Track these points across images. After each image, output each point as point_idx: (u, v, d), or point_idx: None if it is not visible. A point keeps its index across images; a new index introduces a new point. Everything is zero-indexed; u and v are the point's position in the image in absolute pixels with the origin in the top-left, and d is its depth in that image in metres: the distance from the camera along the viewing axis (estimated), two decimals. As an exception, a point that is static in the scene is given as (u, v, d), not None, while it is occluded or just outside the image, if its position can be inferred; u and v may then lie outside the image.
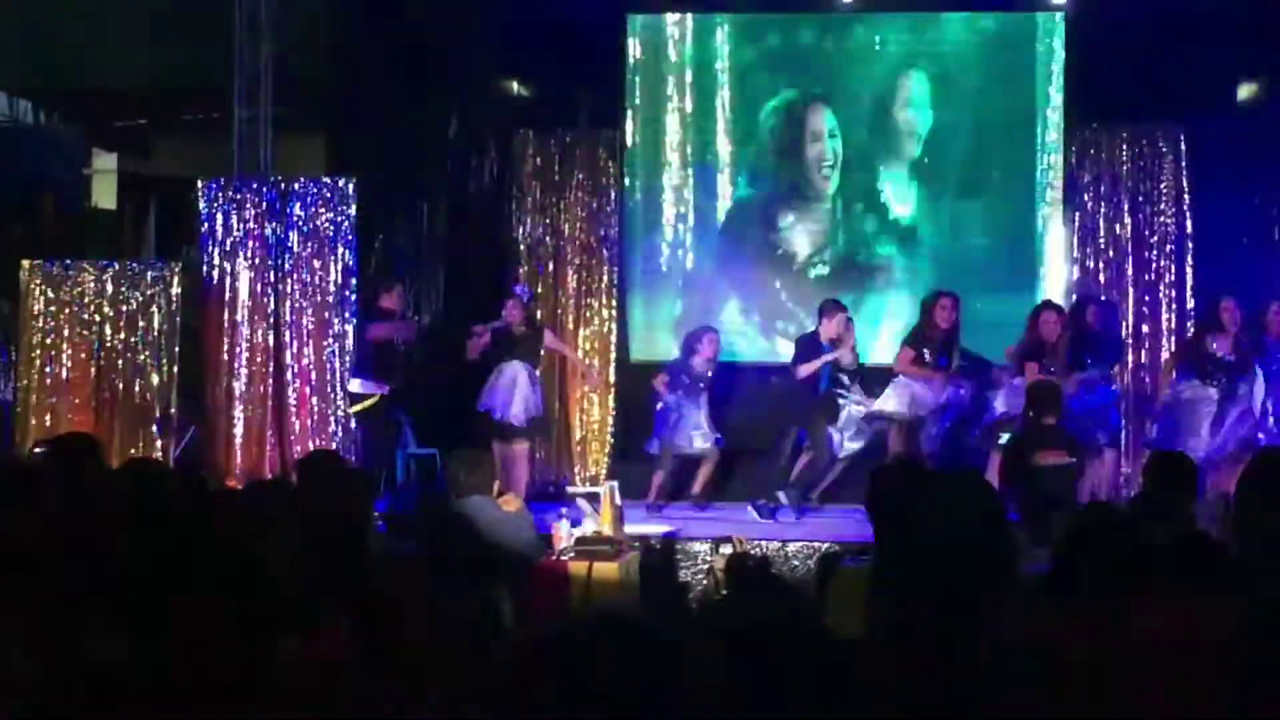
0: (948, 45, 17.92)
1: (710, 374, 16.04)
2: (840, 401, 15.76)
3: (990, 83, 17.78)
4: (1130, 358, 17.24)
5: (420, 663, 5.68)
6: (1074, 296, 17.01)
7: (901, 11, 17.93)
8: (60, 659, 4.05)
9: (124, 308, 16.52)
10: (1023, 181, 17.72)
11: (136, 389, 16.48)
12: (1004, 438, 14.18)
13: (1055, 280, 17.60)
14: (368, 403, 15.71)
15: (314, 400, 16.46)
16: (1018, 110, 17.72)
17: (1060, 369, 14.92)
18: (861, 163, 17.89)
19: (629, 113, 18.13)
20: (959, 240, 17.77)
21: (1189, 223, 17.43)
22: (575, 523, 12.87)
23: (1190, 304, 17.28)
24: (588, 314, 18.01)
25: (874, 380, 15.96)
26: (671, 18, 18.07)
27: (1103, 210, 17.66)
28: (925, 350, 15.42)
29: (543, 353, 16.36)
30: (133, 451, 15.24)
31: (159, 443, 16.35)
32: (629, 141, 18.10)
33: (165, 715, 4.34)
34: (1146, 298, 17.41)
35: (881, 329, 17.44)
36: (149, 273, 16.75)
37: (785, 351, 16.59)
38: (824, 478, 15.87)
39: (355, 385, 15.89)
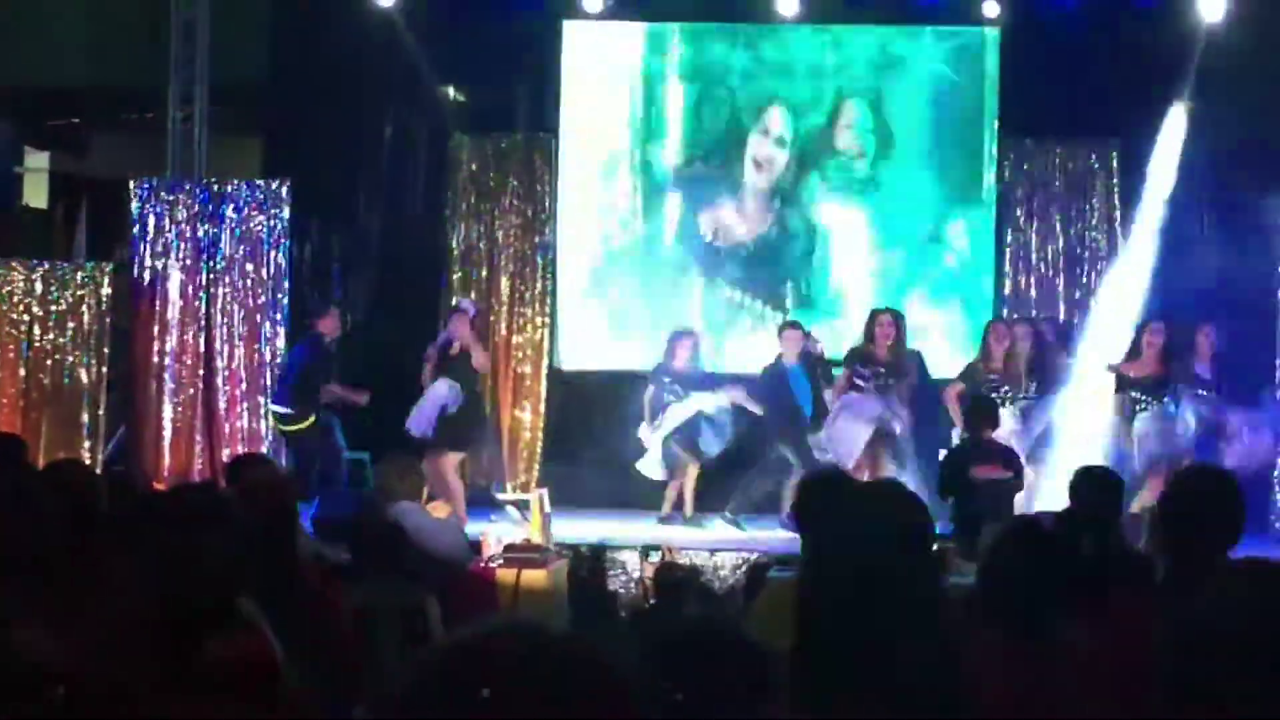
0: (886, 59, 17.94)
1: (694, 375, 15.82)
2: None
3: (931, 98, 17.81)
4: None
5: (347, 666, 5.68)
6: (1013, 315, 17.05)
7: (840, 24, 17.93)
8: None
9: (54, 307, 16.45)
10: (964, 196, 17.77)
11: (65, 389, 16.39)
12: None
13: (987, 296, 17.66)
14: (303, 424, 15.54)
15: (244, 403, 16.41)
16: (959, 126, 17.76)
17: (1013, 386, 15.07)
18: (805, 176, 17.90)
19: (563, 119, 18.10)
20: (907, 252, 17.77)
21: (1120, 241, 17.50)
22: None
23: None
24: (520, 321, 17.97)
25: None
26: (607, 25, 18.03)
27: (1035, 226, 17.72)
28: (863, 370, 15.35)
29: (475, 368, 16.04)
30: (60, 453, 15.14)
31: (87, 443, 16.27)
32: (563, 147, 18.07)
33: (91, 714, 4.32)
34: (1076, 315, 17.46)
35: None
36: (79, 273, 16.68)
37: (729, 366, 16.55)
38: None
39: (281, 408, 15.65)
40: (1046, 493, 13.88)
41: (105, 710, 4.33)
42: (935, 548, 4.65)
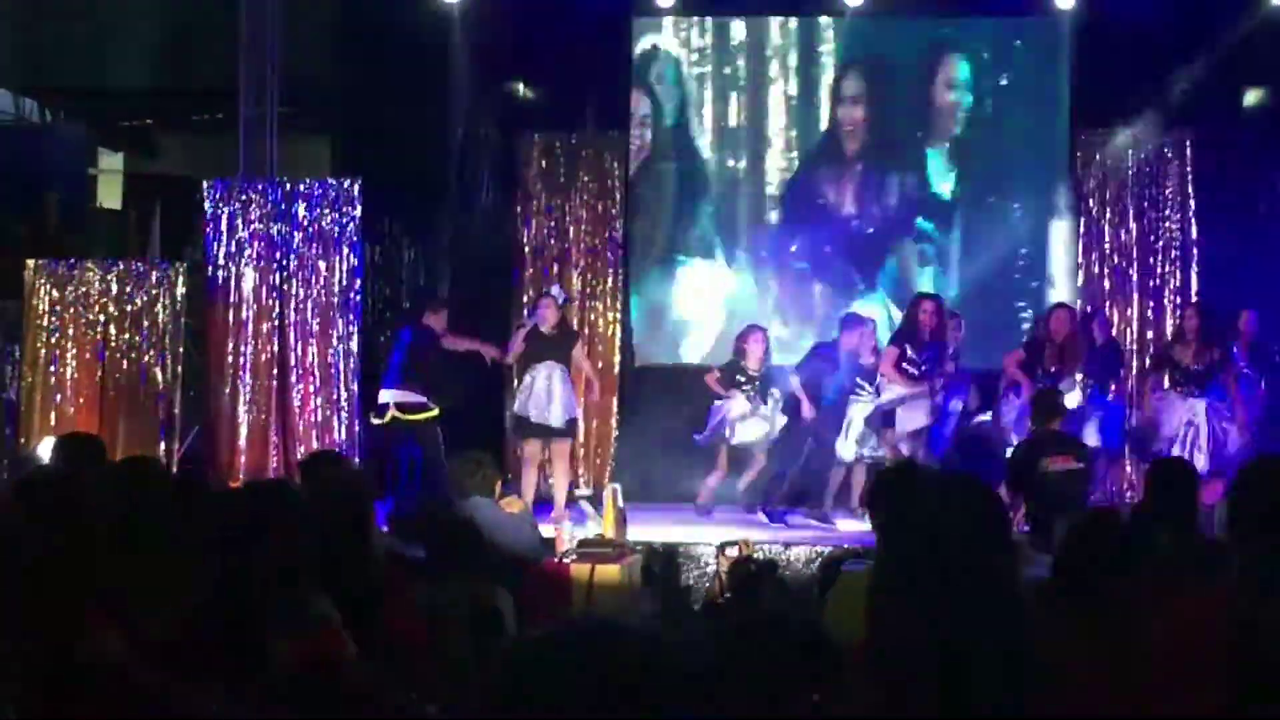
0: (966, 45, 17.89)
1: (765, 372, 15.75)
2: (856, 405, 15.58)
3: (1005, 86, 17.75)
4: (1135, 365, 17.22)
5: (419, 663, 5.68)
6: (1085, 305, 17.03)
7: (910, 18, 17.87)
8: (56, 655, 4.05)
9: (128, 308, 16.55)
10: (1035, 185, 17.71)
11: (140, 389, 16.49)
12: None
13: (1061, 286, 17.57)
14: (429, 414, 15.52)
15: (318, 401, 16.46)
16: (1031, 114, 17.70)
17: (1064, 370, 15.03)
18: (896, 140, 17.89)
19: (634, 115, 18.10)
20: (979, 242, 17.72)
21: (1194, 229, 17.39)
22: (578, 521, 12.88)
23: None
24: (592, 317, 17.99)
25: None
26: (678, 20, 18.02)
27: (1108, 216, 17.63)
28: (908, 350, 15.33)
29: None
30: (137, 452, 15.22)
31: (163, 443, 16.36)
32: (633, 143, 18.06)
33: (158, 714, 4.34)
34: (1151, 304, 17.37)
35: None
36: (153, 273, 16.77)
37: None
38: (829, 484, 15.75)
39: (397, 395, 15.59)
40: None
41: (170, 711, 4.34)
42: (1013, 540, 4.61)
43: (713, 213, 18.05)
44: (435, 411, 15.47)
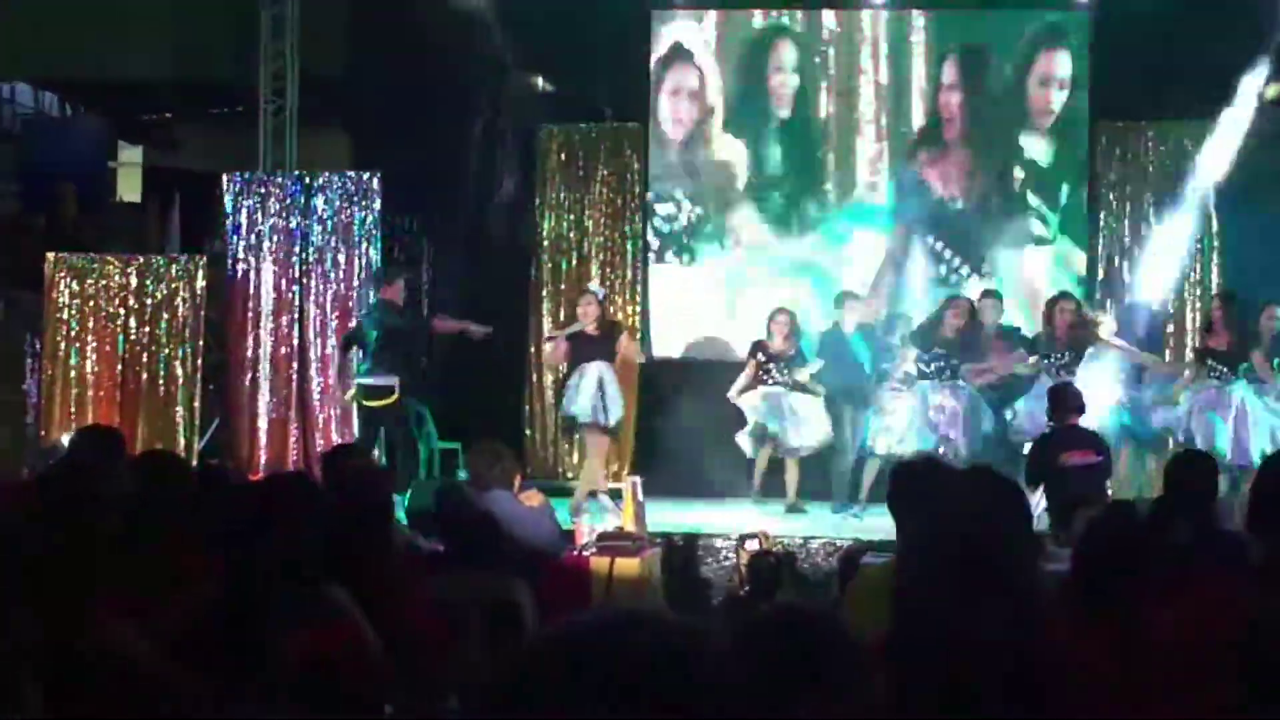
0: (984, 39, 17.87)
1: (793, 354, 15.73)
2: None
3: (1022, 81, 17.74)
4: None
5: (438, 656, 5.68)
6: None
7: (932, 9, 17.85)
8: (70, 644, 4.06)
9: (148, 301, 16.59)
10: (1056, 178, 17.70)
11: (160, 382, 16.52)
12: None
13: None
14: (389, 399, 15.51)
15: (338, 393, 16.48)
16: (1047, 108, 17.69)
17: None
18: (897, 160, 17.88)
19: (652, 106, 18.09)
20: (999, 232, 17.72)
21: (1214, 223, 17.35)
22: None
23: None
24: (611, 310, 17.96)
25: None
26: (695, 12, 18.02)
27: (1127, 209, 17.59)
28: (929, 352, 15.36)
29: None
30: (157, 445, 15.25)
31: (183, 436, 16.39)
32: (652, 135, 18.06)
33: (172, 703, 4.34)
34: (1172, 297, 17.33)
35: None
36: (173, 266, 16.81)
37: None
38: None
39: (366, 379, 15.51)
40: None
41: (185, 701, 4.35)
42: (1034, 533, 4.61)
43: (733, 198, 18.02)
44: (395, 396, 15.39)
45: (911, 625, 3.30)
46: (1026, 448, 14.04)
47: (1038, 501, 12.21)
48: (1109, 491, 12.86)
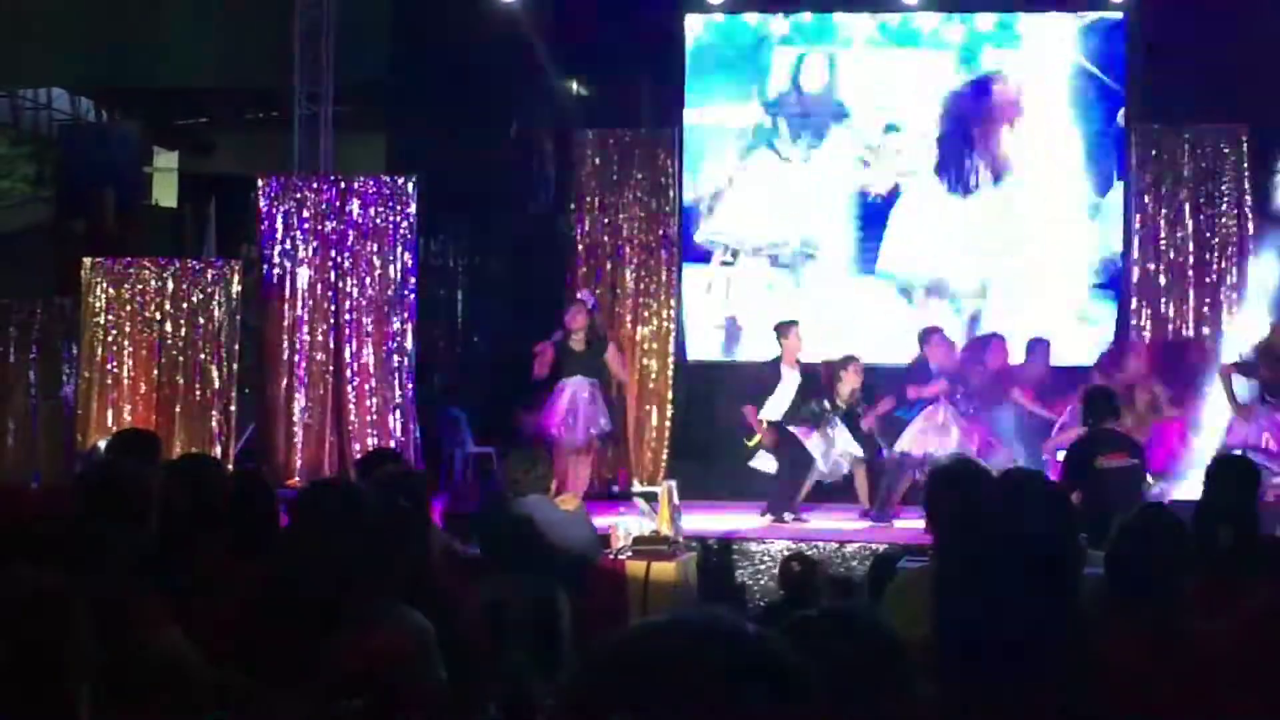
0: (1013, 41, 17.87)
1: (856, 402, 15.76)
2: None
3: (1060, 82, 17.74)
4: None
5: (477, 661, 5.69)
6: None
7: (968, 12, 17.84)
8: (121, 648, 4.07)
9: (184, 305, 16.61)
10: (1093, 180, 17.68)
11: (197, 387, 16.55)
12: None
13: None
14: None
15: (373, 399, 16.50)
16: (1087, 110, 17.68)
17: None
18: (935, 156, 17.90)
19: (687, 111, 18.11)
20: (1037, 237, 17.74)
21: (1251, 225, 17.30)
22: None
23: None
24: (646, 314, 17.97)
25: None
26: (731, 17, 18.02)
27: (1164, 212, 17.55)
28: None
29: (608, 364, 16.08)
30: (193, 449, 15.28)
31: (219, 440, 16.42)
32: (688, 140, 18.07)
33: (219, 706, 4.35)
34: (1208, 300, 17.28)
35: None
36: (209, 271, 16.84)
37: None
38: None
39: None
40: None
41: (234, 704, 4.36)
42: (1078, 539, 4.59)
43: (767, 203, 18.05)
44: None
45: (954, 628, 3.29)
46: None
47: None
48: (1145, 494, 12.83)
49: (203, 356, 16.58)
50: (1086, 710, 3.30)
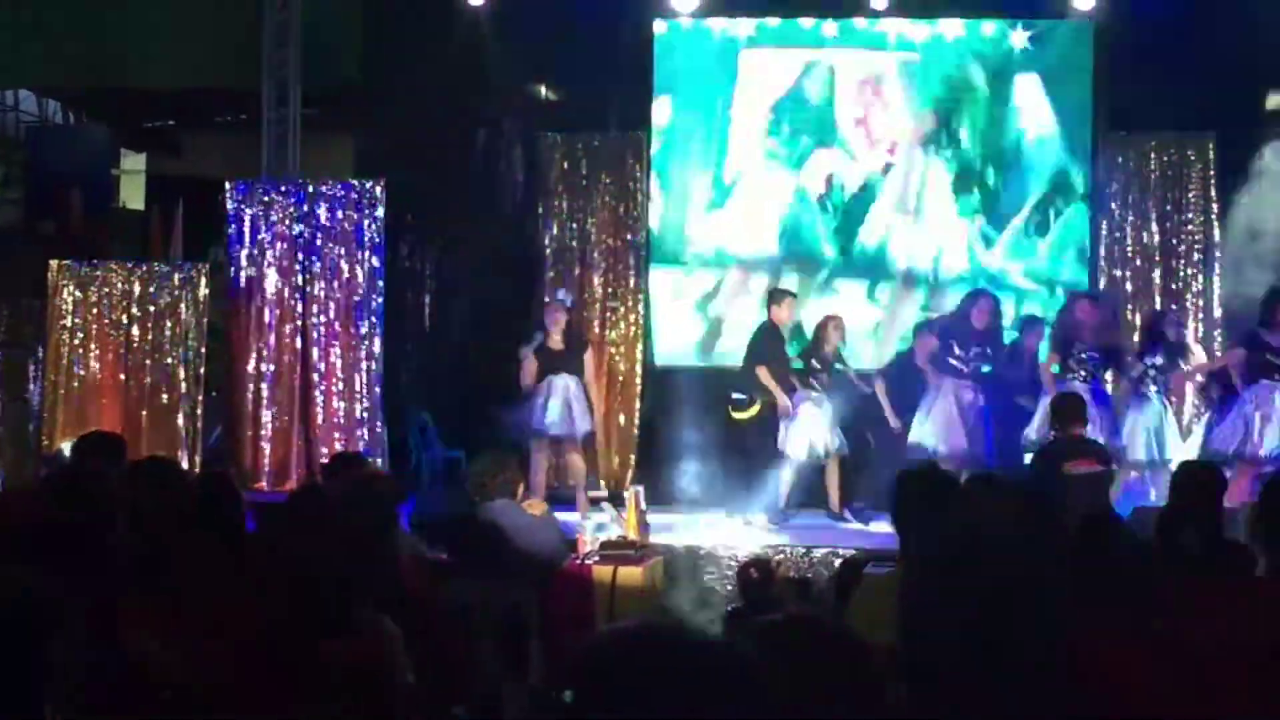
0: (980, 51, 17.91)
1: (831, 362, 15.85)
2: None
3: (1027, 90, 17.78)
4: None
5: (447, 664, 5.70)
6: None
7: (932, 18, 17.88)
8: (100, 654, 4.06)
9: (151, 308, 16.56)
10: (1060, 188, 17.72)
11: (163, 389, 16.51)
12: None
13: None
14: None
15: (340, 402, 16.49)
16: (1054, 118, 17.73)
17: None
18: (907, 164, 17.91)
19: (655, 116, 18.12)
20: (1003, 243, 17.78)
21: (1217, 232, 17.36)
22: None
23: (1217, 313, 17.24)
24: (613, 318, 17.97)
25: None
26: (700, 22, 18.01)
27: (1130, 219, 17.61)
28: (959, 349, 15.51)
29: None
30: (160, 452, 15.25)
31: (185, 443, 16.38)
32: (655, 145, 18.08)
33: (204, 715, 4.35)
34: (1173, 307, 17.32)
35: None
36: (176, 274, 16.80)
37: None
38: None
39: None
40: None
41: (218, 713, 4.36)
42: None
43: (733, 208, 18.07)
44: None
45: (922, 633, 3.30)
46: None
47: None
48: (1112, 501, 12.87)
49: (169, 360, 16.54)
50: (1056, 716, 3.32)
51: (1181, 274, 17.49)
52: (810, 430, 15.56)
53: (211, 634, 4.64)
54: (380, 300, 16.52)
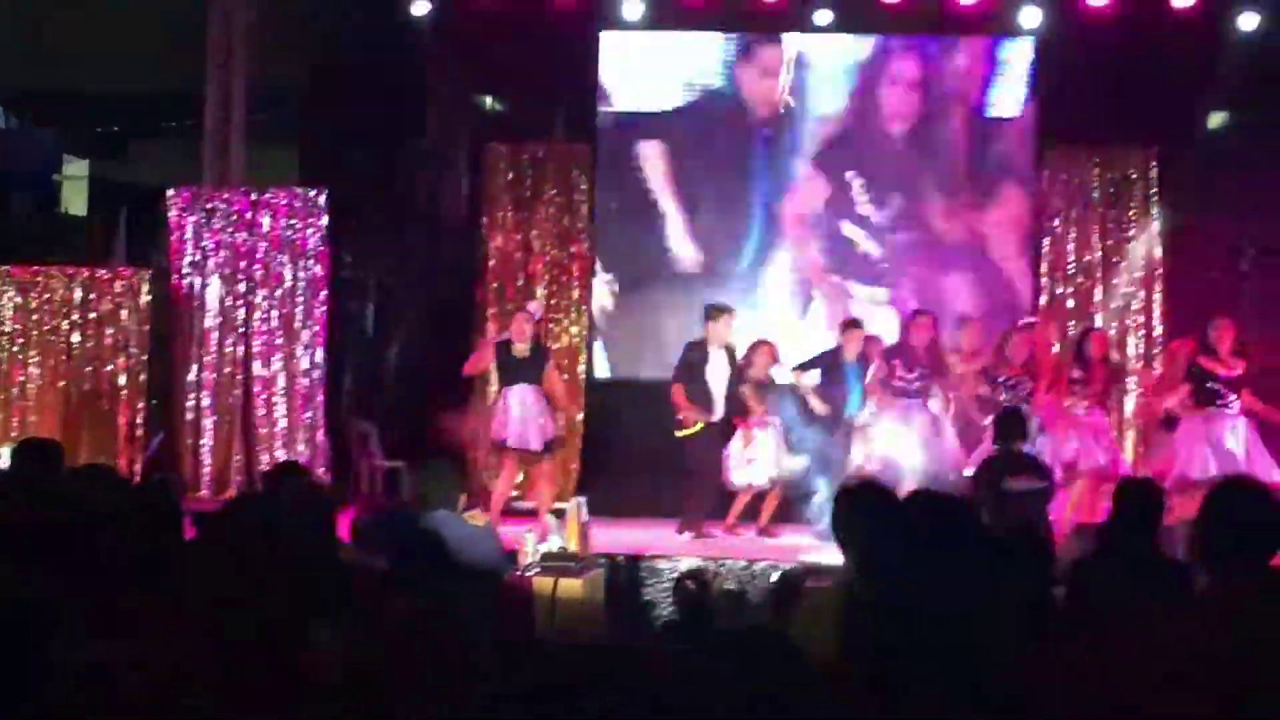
0: (923, 67, 17.97)
1: (764, 387, 15.86)
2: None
3: (970, 107, 17.85)
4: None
5: (389, 674, 5.67)
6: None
7: (876, 34, 17.94)
8: (46, 661, 4.05)
9: (92, 315, 16.49)
10: (1002, 204, 17.78)
11: (104, 396, 16.44)
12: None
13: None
14: None
15: (282, 410, 16.44)
16: (997, 134, 17.80)
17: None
18: (839, 163, 17.95)
19: (601, 128, 18.12)
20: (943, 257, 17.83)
21: (1159, 249, 17.46)
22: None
23: (1158, 331, 17.33)
24: (556, 329, 17.95)
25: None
26: (645, 34, 18.00)
27: (1073, 235, 17.68)
28: (905, 370, 15.52)
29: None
30: (100, 459, 15.17)
31: (125, 450, 16.31)
32: (600, 157, 18.08)
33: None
34: (1115, 323, 17.41)
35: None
36: (118, 280, 16.72)
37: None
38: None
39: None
40: None
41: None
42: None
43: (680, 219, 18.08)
44: None
45: (866, 644, 3.32)
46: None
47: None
48: (1050, 518, 12.94)
49: (110, 366, 16.47)
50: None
51: (1123, 290, 17.57)
52: (754, 457, 15.59)
53: (151, 640, 4.62)
54: (323, 309, 16.50)
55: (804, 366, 15.80)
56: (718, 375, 15.55)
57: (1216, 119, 17.79)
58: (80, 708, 4.17)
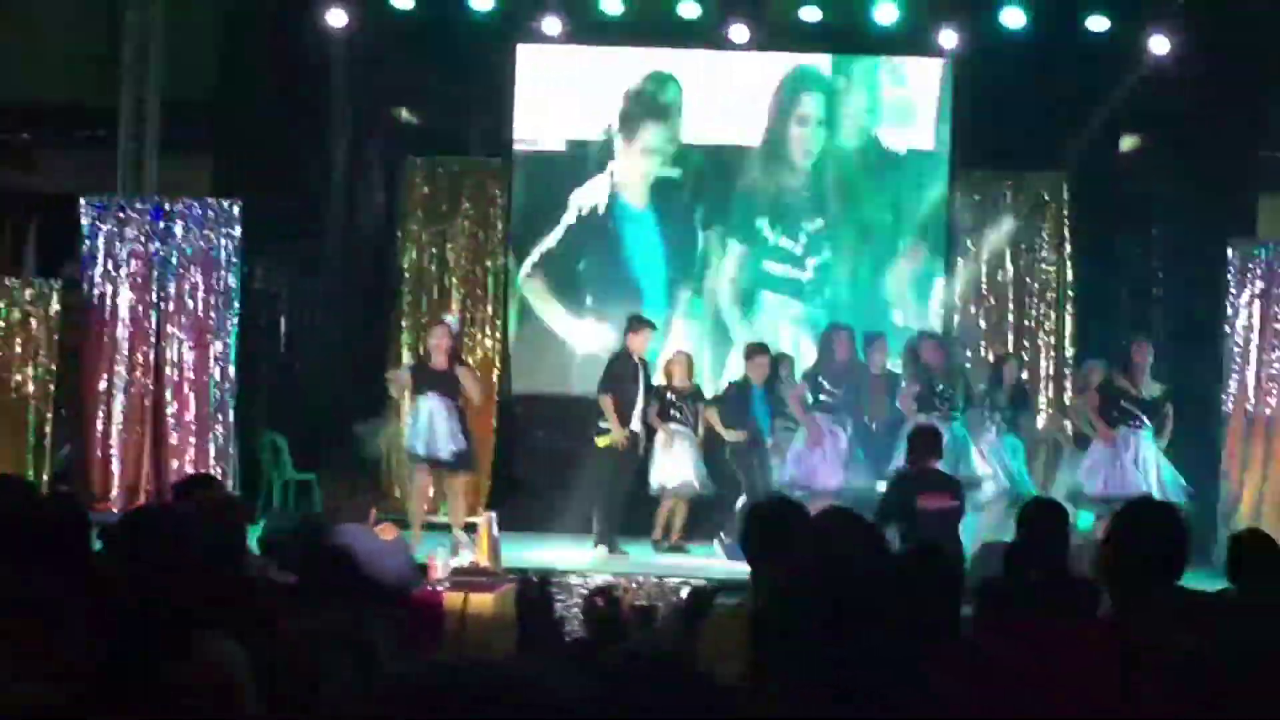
0: (837, 87, 18.02)
1: (686, 396, 15.97)
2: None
3: (879, 127, 17.91)
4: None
5: (294, 690, 5.65)
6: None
7: (790, 52, 17.98)
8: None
9: (1, 324, 16.34)
10: (914, 226, 17.84)
11: (12, 406, 16.30)
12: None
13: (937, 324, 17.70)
14: None
15: (192, 423, 16.34)
16: (908, 156, 17.85)
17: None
18: (756, 183, 17.97)
19: (517, 142, 18.08)
20: (857, 280, 17.88)
21: (1070, 272, 17.59)
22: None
23: (1070, 352, 17.45)
24: (470, 344, 17.91)
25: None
26: (562, 48, 17.98)
27: (985, 257, 17.78)
28: (827, 385, 15.59)
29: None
30: (5, 470, 15.03)
31: (33, 461, 16.17)
32: (516, 171, 18.06)
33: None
34: (1026, 345, 17.53)
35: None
36: (28, 290, 16.58)
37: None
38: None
39: None
40: None
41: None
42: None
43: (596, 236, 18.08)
44: None
45: (775, 665, 3.32)
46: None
47: (892, 540, 12.27)
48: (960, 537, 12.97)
49: (19, 377, 16.33)
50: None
51: (1034, 312, 17.69)
52: (669, 463, 15.66)
53: (51, 659, 4.57)
54: (235, 321, 16.41)
55: (712, 404, 15.93)
56: (638, 387, 15.60)
57: (1129, 141, 17.93)
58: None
